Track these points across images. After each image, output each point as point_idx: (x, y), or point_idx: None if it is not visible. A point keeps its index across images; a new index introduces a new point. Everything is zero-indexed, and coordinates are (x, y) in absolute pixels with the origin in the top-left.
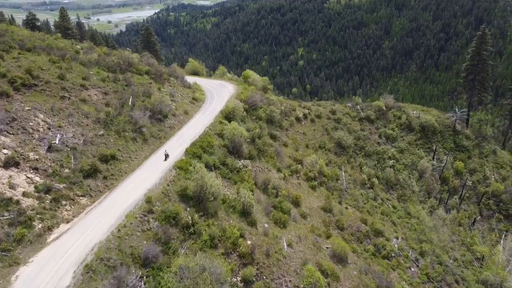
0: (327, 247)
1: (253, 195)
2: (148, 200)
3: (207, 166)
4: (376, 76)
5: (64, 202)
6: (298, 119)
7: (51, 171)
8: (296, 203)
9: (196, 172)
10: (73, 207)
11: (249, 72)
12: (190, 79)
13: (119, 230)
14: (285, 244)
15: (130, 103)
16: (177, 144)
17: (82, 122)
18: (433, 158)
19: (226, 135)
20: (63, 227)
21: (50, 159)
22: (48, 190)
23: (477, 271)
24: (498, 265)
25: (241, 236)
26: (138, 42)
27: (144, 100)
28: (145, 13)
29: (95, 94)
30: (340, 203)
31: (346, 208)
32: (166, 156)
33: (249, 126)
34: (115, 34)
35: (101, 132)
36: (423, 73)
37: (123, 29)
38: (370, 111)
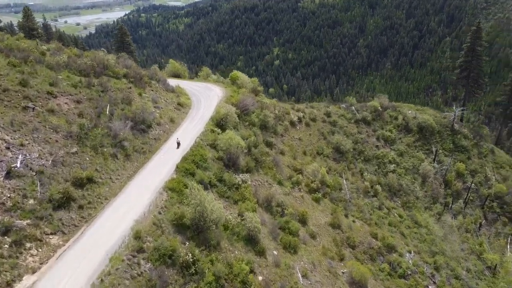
0: (343, 272)
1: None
2: (137, 235)
3: (202, 183)
4: (352, 75)
5: (28, 245)
6: (292, 124)
7: (11, 204)
8: (303, 221)
9: (193, 194)
10: (40, 250)
11: (237, 73)
12: (172, 81)
13: (102, 280)
14: (299, 275)
15: (107, 112)
16: (165, 160)
17: (50, 138)
18: (433, 161)
19: (220, 145)
20: (27, 280)
21: (9, 188)
22: (6, 231)
23: (490, 281)
24: (511, 274)
25: (251, 271)
26: (112, 43)
27: (124, 108)
28: (115, 15)
29: (66, 103)
30: (346, 216)
31: (354, 221)
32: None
33: (242, 133)
34: (84, 36)
35: (74, 149)
36: (398, 71)
37: (93, 31)
38: (366, 112)
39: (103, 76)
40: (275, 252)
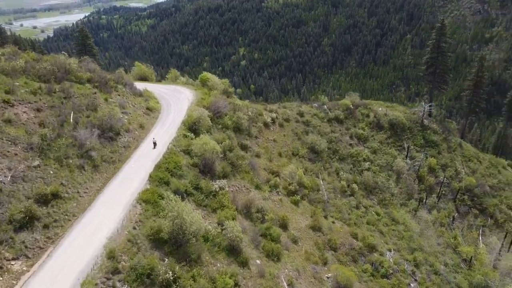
0: (328, 277)
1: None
2: (111, 255)
3: (178, 193)
4: (318, 73)
5: None
6: (266, 125)
7: None
8: (284, 225)
9: (170, 206)
10: (1, 278)
11: (207, 74)
12: (139, 85)
13: None
14: (285, 283)
15: (71, 120)
16: (137, 168)
17: (8, 152)
18: (406, 157)
19: (194, 151)
20: None
21: None
22: None
23: (467, 274)
24: (486, 265)
25: (235, 284)
26: (73, 46)
27: (89, 115)
28: (74, 17)
29: (25, 112)
30: (326, 217)
31: (333, 222)
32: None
33: (216, 137)
34: (42, 40)
35: (36, 163)
36: (363, 68)
37: (51, 34)
38: (338, 110)
39: (65, 81)
40: (258, 261)
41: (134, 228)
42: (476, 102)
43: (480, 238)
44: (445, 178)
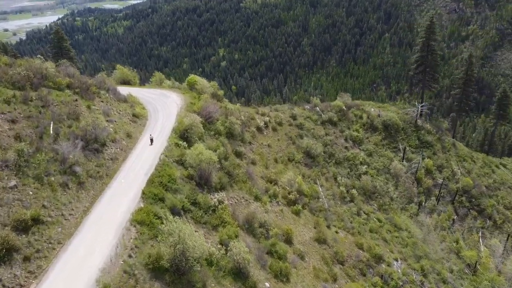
0: None
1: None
2: None
3: (174, 210)
4: (299, 73)
5: None
6: (259, 129)
7: None
8: (288, 240)
9: (170, 229)
10: None
11: (195, 77)
12: (122, 89)
13: None
14: None
15: (51, 132)
16: (127, 184)
17: None
18: (402, 159)
19: (188, 161)
20: None
21: None
22: None
23: (472, 280)
24: (491, 270)
25: None
26: (48, 49)
27: (71, 124)
28: (47, 19)
29: None
30: (328, 227)
31: (337, 232)
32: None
33: (209, 144)
34: (14, 43)
35: (13, 183)
36: (343, 68)
37: (23, 37)
38: (331, 112)
39: (42, 88)
40: (267, 284)
41: (130, 256)
42: (465, 101)
43: (481, 240)
44: (443, 180)
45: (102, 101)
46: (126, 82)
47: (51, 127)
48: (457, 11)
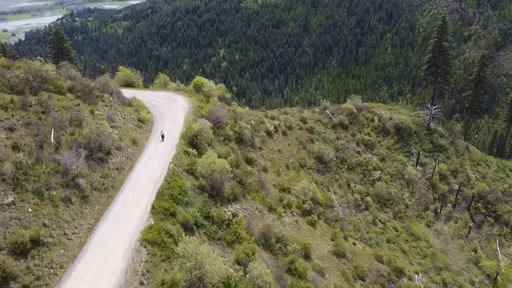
0: None
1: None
2: None
3: (187, 226)
4: (300, 74)
5: None
6: (269, 134)
7: None
8: (307, 254)
9: (186, 252)
10: None
11: (201, 79)
12: (126, 92)
13: None
14: None
15: (52, 140)
16: (135, 196)
17: None
18: (416, 164)
19: (199, 171)
20: None
21: None
22: None
23: None
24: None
25: None
26: (48, 50)
27: (73, 132)
28: (46, 20)
29: None
30: (345, 238)
31: (354, 244)
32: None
33: (219, 151)
34: (13, 43)
35: (10, 199)
36: (344, 68)
37: (22, 38)
38: (341, 115)
39: (43, 92)
40: None
41: (142, 284)
42: (477, 102)
43: (498, 249)
44: (461, 186)
45: (105, 105)
46: (129, 84)
47: (52, 135)
48: (459, 11)
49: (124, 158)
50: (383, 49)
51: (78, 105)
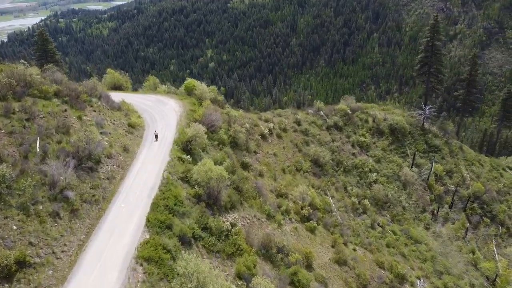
0: None
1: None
2: None
3: (184, 240)
4: (288, 74)
5: None
6: (263, 137)
7: None
8: (309, 264)
9: (187, 273)
10: None
11: (192, 81)
12: (114, 95)
13: None
14: None
15: (38, 150)
16: (129, 209)
17: None
18: (412, 165)
19: (195, 178)
20: None
21: None
22: None
23: None
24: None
25: None
26: (31, 52)
27: (61, 139)
28: (29, 21)
29: None
30: (345, 244)
31: (355, 250)
32: None
33: (214, 156)
34: None
35: None
36: (332, 68)
37: (5, 39)
38: (335, 117)
39: (27, 97)
40: None
41: None
42: (470, 102)
43: (495, 249)
44: (457, 187)
45: (94, 111)
46: (117, 87)
47: (38, 144)
48: (445, 11)
49: (115, 166)
50: (370, 49)
51: (65, 110)
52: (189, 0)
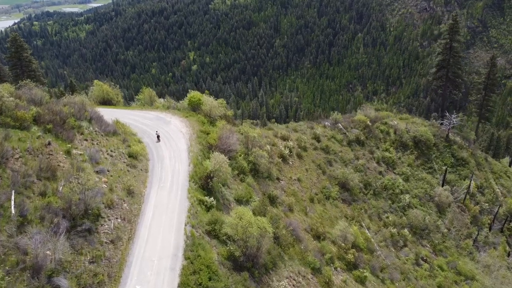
0: None
1: None
2: None
3: None
4: (273, 75)
5: None
6: (284, 158)
7: None
8: None
9: None
10: None
11: (198, 95)
12: (105, 112)
13: None
14: None
15: (13, 211)
16: None
17: None
18: (442, 183)
19: (226, 231)
20: None
21: None
22: None
23: None
24: None
25: None
26: (4, 60)
27: (45, 190)
28: (1, 24)
29: None
30: None
31: None
32: None
33: (237, 192)
34: None
35: None
36: (318, 69)
37: None
38: (355, 129)
39: None
40: None
41: None
42: (487, 107)
43: None
44: (492, 205)
45: (85, 139)
46: (106, 102)
47: (12, 202)
48: (428, 10)
49: (119, 220)
50: (355, 49)
51: (49, 144)
52: (169, 1)
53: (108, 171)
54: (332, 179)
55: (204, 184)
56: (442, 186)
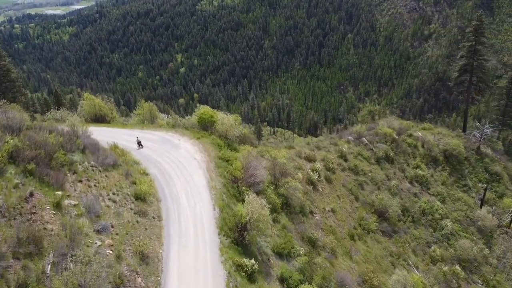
0: None
1: None
2: None
3: None
4: (263, 77)
5: None
6: (313, 184)
7: None
8: None
9: None
10: None
11: (209, 110)
12: (98, 132)
13: None
14: None
15: None
16: None
17: None
18: (481, 203)
19: None
20: None
21: None
22: None
23: None
24: None
25: None
26: None
27: (25, 280)
28: None
29: None
30: None
31: None
32: None
33: (275, 242)
34: None
35: None
36: (308, 70)
37: None
38: (382, 144)
39: None
40: None
41: None
42: (510, 113)
43: None
44: None
45: (80, 180)
46: (99, 119)
47: None
48: (418, 10)
49: None
50: (346, 50)
51: (31, 195)
52: (155, 2)
53: (112, 227)
54: (366, 206)
55: (238, 237)
56: (481, 207)
